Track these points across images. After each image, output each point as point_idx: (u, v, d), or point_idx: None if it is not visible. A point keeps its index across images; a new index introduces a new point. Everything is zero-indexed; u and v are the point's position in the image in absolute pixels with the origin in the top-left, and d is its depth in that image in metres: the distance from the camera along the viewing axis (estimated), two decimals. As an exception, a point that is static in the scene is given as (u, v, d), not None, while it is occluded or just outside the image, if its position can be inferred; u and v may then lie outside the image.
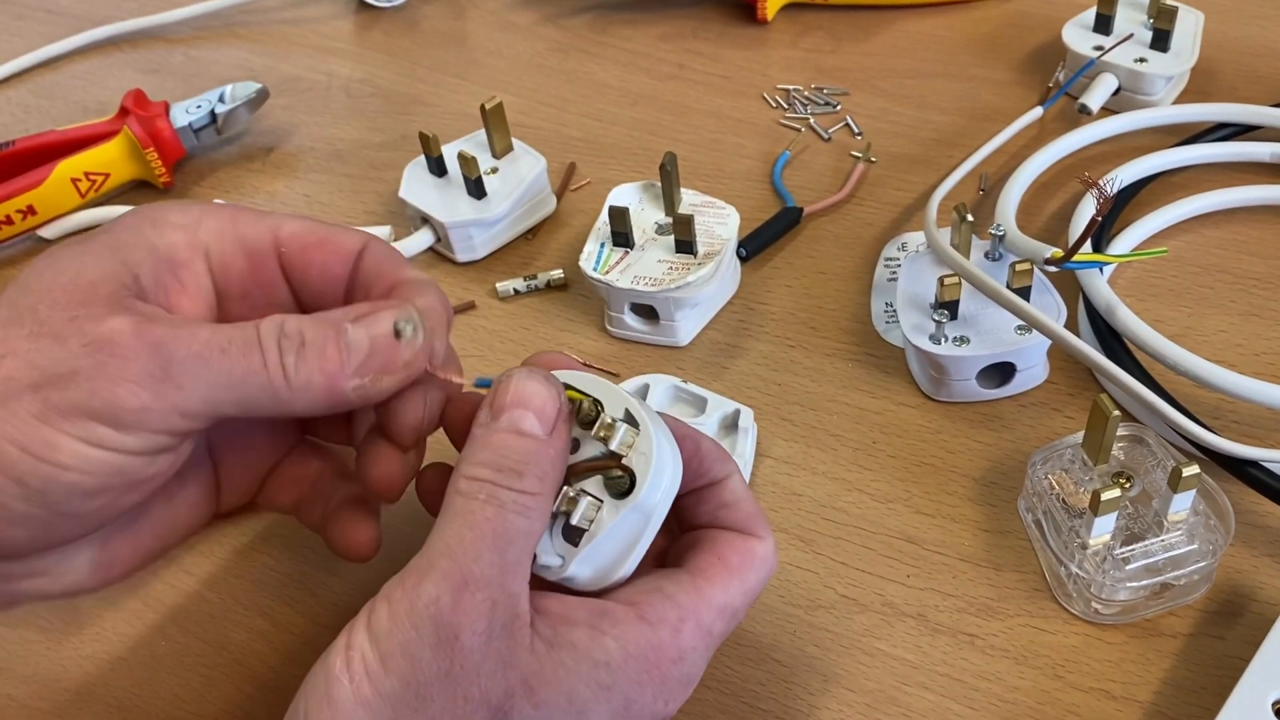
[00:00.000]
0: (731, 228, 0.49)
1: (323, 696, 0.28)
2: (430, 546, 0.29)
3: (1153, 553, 0.38)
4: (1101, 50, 0.56)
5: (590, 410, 0.31)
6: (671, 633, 0.30)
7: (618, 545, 0.31)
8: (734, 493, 0.33)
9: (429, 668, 0.27)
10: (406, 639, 0.27)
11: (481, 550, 0.28)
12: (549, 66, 0.67)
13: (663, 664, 0.30)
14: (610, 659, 0.29)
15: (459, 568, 0.28)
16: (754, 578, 0.32)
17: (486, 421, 0.30)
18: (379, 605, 0.28)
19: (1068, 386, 0.46)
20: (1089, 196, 0.49)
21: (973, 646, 0.38)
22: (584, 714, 0.28)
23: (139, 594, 0.43)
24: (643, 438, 0.31)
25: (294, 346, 0.31)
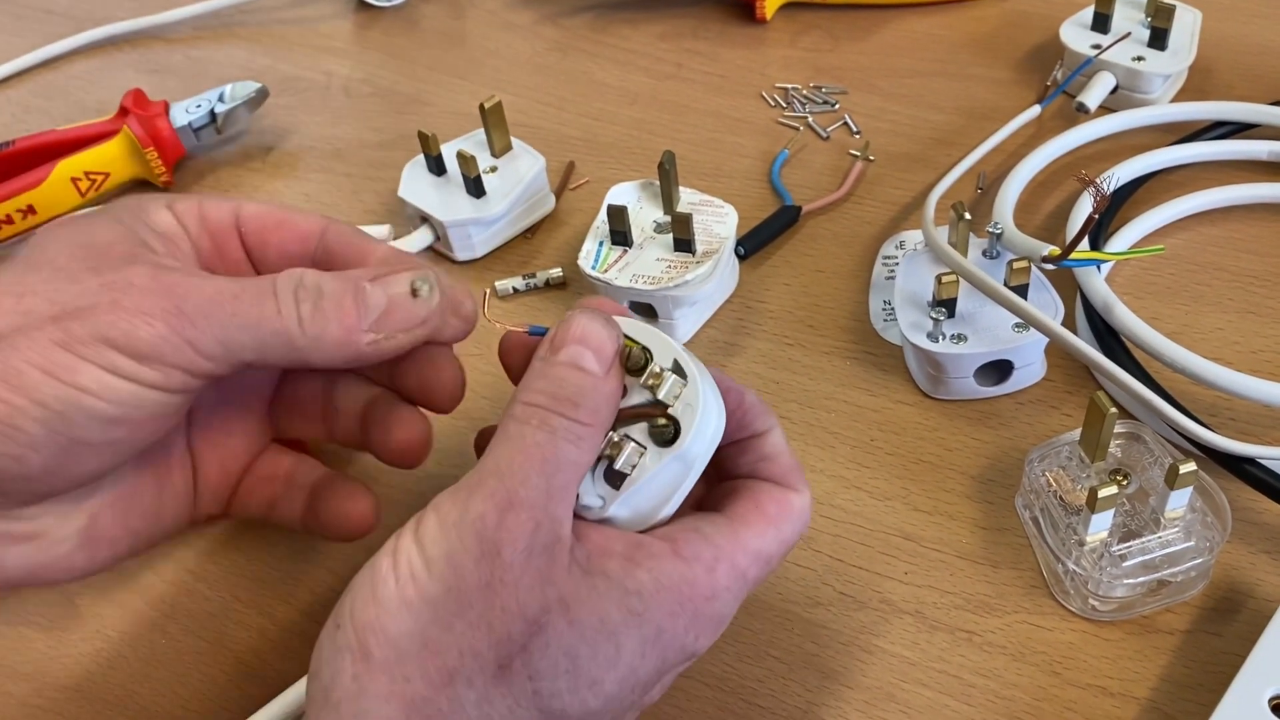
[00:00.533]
0: (730, 226, 0.49)
1: (369, 595, 0.28)
2: (482, 465, 0.30)
3: (1150, 549, 0.38)
4: (1099, 49, 0.56)
5: (640, 358, 0.32)
6: (706, 571, 0.31)
7: (658, 491, 0.32)
8: (775, 446, 0.34)
9: (471, 577, 0.28)
10: (452, 548, 0.28)
11: (530, 473, 0.29)
12: (548, 66, 0.67)
13: (696, 599, 0.30)
14: (642, 589, 0.30)
15: (506, 487, 0.29)
16: (789, 529, 0.33)
17: (546, 355, 0.31)
18: (428, 515, 0.29)
19: (1065, 384, 0.46)
20: (1086, 195, 0.49)
21: (970, 643, 0.39)
22: (615, 635, 0.29)
23: (137, 591, 0.44)
24: (689, 388, 0.32)
25: (311, 297, 0.33)
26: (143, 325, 0.31)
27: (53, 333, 0.30)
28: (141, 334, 0.31)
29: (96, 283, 0.31)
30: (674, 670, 0.32)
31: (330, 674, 0.28)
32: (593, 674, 0.29)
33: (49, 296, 0.31)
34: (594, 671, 0.29)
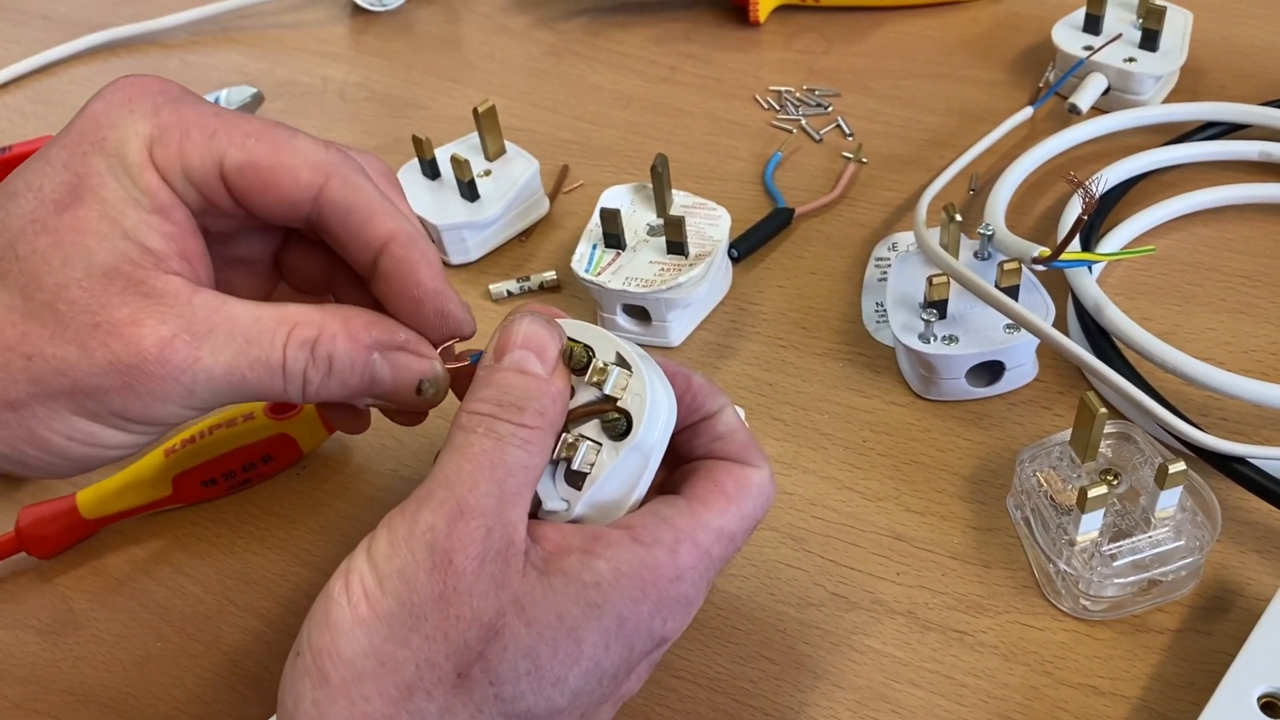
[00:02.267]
0: (723, 229, 0.50)
1: (323, 619, 0.28)
2: (431, 478, 0.29)
3: (1140, 549, 0.38)
4: (1091, 50, 0.56)
5: (582, 356, 0.32)
6: (668, 553, 0.30)
7: (620, 485, 0.32)
8: (727, 425, 0.34)
9: (424, 589, 0.28)
10: (403, 563, 0.28)
11: (478, 480, 0.29)
12: (542, 70, 0.67)
13: (659, 582, 0.30)
14: (600, 579, 0.29)
15: (455, 496, 0.29)
16: (751, 505, 0.33)
17: (489, 363, 0.31)
18: (379, 533, 0.29)
19: (1057, 384, 0.46)
20: (1076, 196, 0.50)
21: (962, 643, 0.39)
22: (575, 631, 0.29)
23: (132, 594, 0.44)
24: (635, 379, 0.32)
25: (321, 371, 0.32)
26: (157, 409, 0.31)
27: (69, 405, 0.30)
28: (155, 415, 0.31)
29: (105, 360, 0.30)
30: (646, 658, 0.31)
31: (293, 701, 0.28)
32: (555, 672, 0.29)
33: (58, 367, 0.30)
34: (556, 669, 0.29)
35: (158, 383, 0.30)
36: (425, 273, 0.33)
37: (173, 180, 0.31)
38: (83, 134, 0.32)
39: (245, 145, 0.32)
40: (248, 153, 0.32)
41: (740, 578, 0.41)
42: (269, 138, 0.32)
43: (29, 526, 0.44)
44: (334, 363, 0.32)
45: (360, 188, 0.33)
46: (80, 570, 0.45)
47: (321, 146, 0.33)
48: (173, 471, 0.45)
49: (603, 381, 0.32)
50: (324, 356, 0.32)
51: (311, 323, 0.32)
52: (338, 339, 0.32)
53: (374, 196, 0.33)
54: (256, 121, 0.32)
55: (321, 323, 0.32)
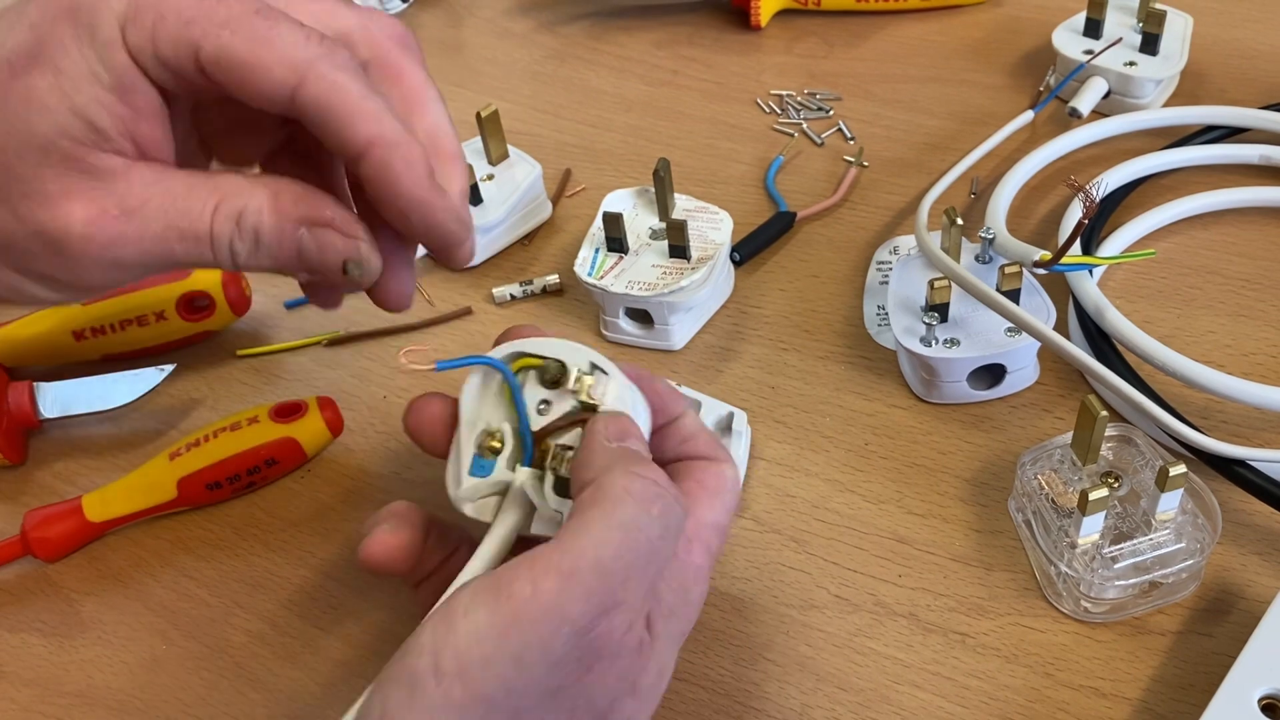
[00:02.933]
0: (725, 232, 0.50)
1: (406, 695, 0.26)
2: (578, 547, 0.27)
3: (1141, 551, 0.38)
4: (1091, 54, 0.56)
5: (555, 369, 0.33)
6: (687, 558, 0.32)
7: None
8: (692, 426, 0.35)
9: (543, 681, 0.26)
10: (523, 648, 0.26)
11: (635, 573, 0.28)
12: (545, 74, 0.68)
13: (689, 587, 0.32)
14: (675, 607, 0.31)
15: (609, 589, 0.27)
16: (730, 497, 0.34)
17: (610, 440, 0.31)
18: (485, 600, 0.26)
19: (1058, 388, 0.46)
20: (1077, 200, 0.50)
21: (964, 645, 0.39)
22: (665, 670, 0.30)
23: (137, 597, 0.44)
24: (612, 383, 0.33)
25: (247, 243, 0.31)
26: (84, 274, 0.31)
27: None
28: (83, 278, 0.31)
29: (33, 228, 0.30)
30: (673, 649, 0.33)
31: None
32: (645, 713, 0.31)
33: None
34: (647, 710, 0.31)
35: (82, 256, 0.30)
36: (407, 181, 0.30)
37: (144, 63, 0.29)
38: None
39: (220, 37, 0.29)
40: (221, 45, 0.29)
41: (743, 580, 0.42)
42: (245, 29, 0.29)
43: (34, 529, 0.44)
44: (260, 235, 0.31)
45: (339, 87, 0.30)
46: (86, 573, 0.45)
47: (302, 38, 0.30)
48: (177, 475, 0.45)
49: (580, 390, 0.32)
50: (250, 229, 0.31)
51: (238, 194, 0.31)
52: (264, 212, 0.31)
53: (354, 96, 0.30)
54: (237, 6, 0.30)
55: (249, 194, 0.31)
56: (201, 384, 0.52)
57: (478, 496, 0.33)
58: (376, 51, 0.33)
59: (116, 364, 0.51)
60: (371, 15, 0.34)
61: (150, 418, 0.51)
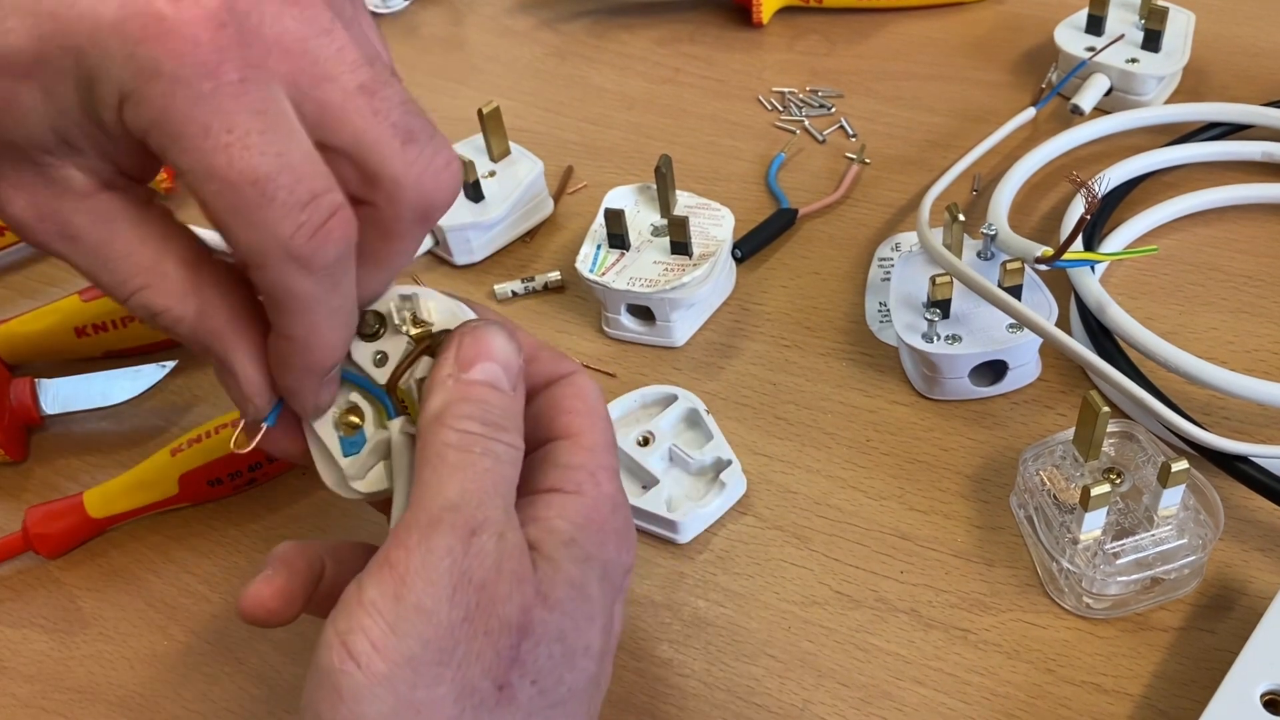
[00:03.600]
0: (726, 229, 0.50)
1: (331, 696, 0.26)
2: (426, 502, 0.28)
3: (1143, 547, 0.38)
4: (1093, 51, 0.56)
5: (370, 320, 0.32)
6: (594, 489, 0.31)
7: None
8: (528, 345, 0.33)
9: (447, 617, 0.27)
10: (419, 597, 0.27)
11: (484, 499, 0.28)
12: (546, 71, 0.68)
13: (606, 518, 0.31)
14: (573, 535, 0.30)
15: (466, 518, 0.28)
16: (602, 408, 0.33)
17: (455, 373, 0.30)
18: (372, 578, 0.27)
19: (1060, 384, 0.46)
20: (1079, 196, 0.50)
21: (965, 641, 0.39)
22: (584, 588, 0.29)
23: (138, 593, 0.44)
24: (434, 301, 0.32)
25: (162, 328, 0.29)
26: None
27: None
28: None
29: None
30: (620, 598, 0.32)
31: None
32: (583, 641, 0.29)
33: None
34: (583, 638, 0.29)
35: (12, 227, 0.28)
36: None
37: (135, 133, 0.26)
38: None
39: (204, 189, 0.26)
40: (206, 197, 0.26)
41: (744, 576, 0.42)
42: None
43: (36, 525, 0.44)
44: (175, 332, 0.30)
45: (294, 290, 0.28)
46: (87, 569, 0.45)
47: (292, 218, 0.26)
48: (179, 471, 0.45)
49: (403, 323, 0.32)
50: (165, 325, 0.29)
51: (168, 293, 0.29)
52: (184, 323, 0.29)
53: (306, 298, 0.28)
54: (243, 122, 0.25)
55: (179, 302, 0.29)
56: (203, 380, 0.52)
57: (364, 471, 0.32)
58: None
59: (118, 360, 0.51)
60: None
61: (152, 414, 0.51)
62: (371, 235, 0.29)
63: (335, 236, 0.27)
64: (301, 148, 0.26)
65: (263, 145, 0.25)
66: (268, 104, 0.25)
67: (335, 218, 0.27)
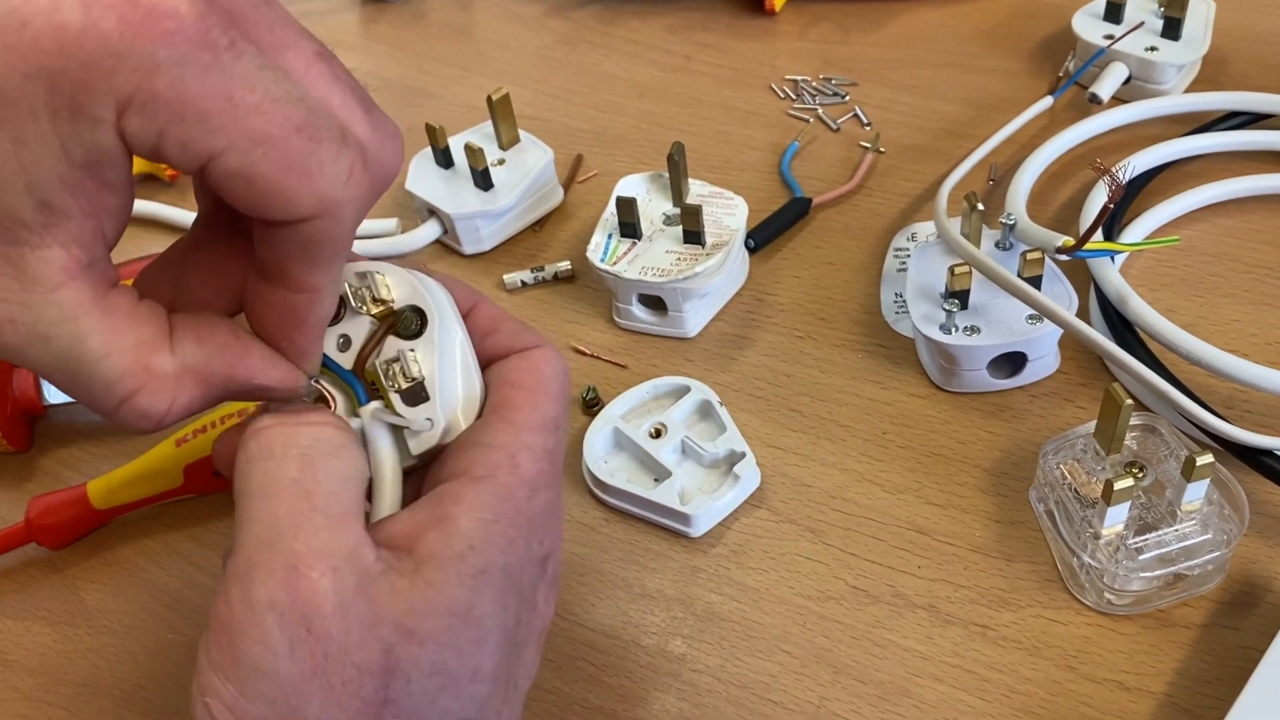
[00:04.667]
0: (740, 218, 0.49)
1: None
2: (241, 541, 0.25)
3: (1166, 543, 0.37)
4: (1112, 39, 0.55)
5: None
6: (510, 473, 0.28)
7: (461, 371, 0.30)
8: (491, 317, 0.31)
9: (292, 673, 0.24)
10: (254, 658, 0.24)
11: (300, 520, 0.25)
12: (556, 58, 0.67)
13: (520, 507, 0.28)
14: (472, 541, 0.27)
15: (280, 555, 0.25)
16: (555, 385, 0.30)
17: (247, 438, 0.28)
18: (213, 636, 0.25)
19: (1079, 376, 0.45)
20: (1101, 185, 0.49)
21: (984, 638, 0.38)
22: (470, 613, 0.26)
23: (142, 585, 0.43)
24: (392, 276, 0.30)
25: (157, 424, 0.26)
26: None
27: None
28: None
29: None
30: (543, 581, 0.30)
31: None
32: (469, 667, 0.27)
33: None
34: (469, 664, 0.27)
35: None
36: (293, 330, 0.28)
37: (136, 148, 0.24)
38: None
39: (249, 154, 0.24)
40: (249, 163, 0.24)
41: (759, 571, 0.41)
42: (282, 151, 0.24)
43: (39, 517, 0.44)
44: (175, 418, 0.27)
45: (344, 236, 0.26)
46: (91, 561, 0.44)
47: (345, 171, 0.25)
48: (184, 462, 0.44)
49: (362, 303, 0.30)
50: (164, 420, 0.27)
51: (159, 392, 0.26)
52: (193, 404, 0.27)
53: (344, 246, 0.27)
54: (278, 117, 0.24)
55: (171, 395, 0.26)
56: (208, 370, 0.51)
57: None
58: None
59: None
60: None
61: (156, 404, 0.50)
62: None
63: (382, 160, 0.25)
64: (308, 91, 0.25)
65: (287, 93, 0.24)
66: (262, 57, 0.24)
67: (366, 147, 0.25)
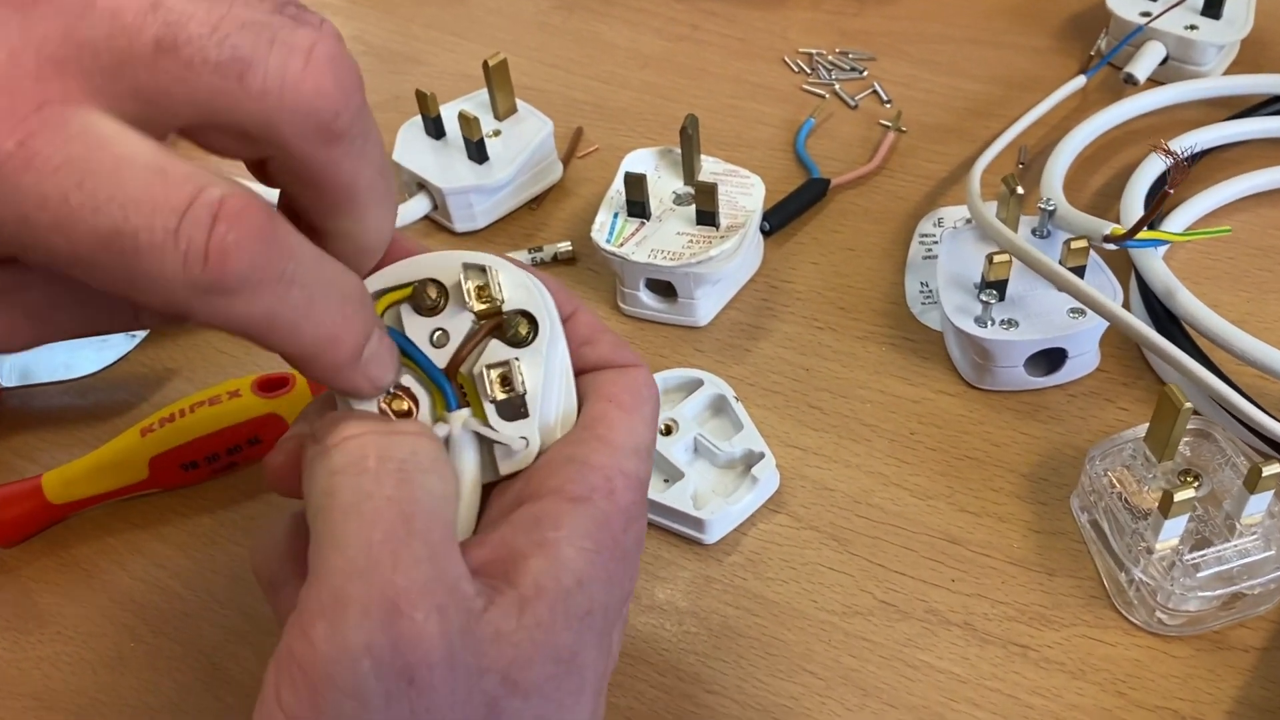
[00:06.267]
0: (756, 198, 0.46)
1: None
2: (326, 569, 0.22)
3: (1226, 559, 0.34)
4: (1149, 16, 0.52)
5: (433, 292, 0.28)
6: (607, 498, 0.26)
7: (559, 388, 0.27)
8: (590, 326, 0.29)
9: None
10: (340, 709, 0.21)
11: (397, 548, 0.22)
12: (553, 25, 0.63)
13: (618, 539, 0.26)
14: (580, 575, 0.24)
15: (377, 589, 0.22)
16: (649, 410, 0.28)
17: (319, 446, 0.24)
18: (284, 676, 0.22)
19: (1121, 375, 0.42)
20: (1141, 168, 0.46)
21: (1025, 659, 0.35)
22: (575, 659, 0.24)
23: (103, 588, 0.40)
24: (506, 274, 0.27)
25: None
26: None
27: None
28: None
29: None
30: (618, 627, 0.27)
31: None
32: (569, 717, 0.24)
33: None
34: (567, 715, 0.24)
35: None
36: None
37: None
38: None
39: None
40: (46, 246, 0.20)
41: (779, 582, 0.38)
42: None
43: (-12, 511, 0.40)
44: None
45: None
46: (46, 561, 0.41)
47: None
48: (150, 453, 0.41)
49: (469, 297, 0.27)
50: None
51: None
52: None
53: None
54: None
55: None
56: (177, 352, 0.47)
57: None
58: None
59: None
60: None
61: (119, 389, 0.46)
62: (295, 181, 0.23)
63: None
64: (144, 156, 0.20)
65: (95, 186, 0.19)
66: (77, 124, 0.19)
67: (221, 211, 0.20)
